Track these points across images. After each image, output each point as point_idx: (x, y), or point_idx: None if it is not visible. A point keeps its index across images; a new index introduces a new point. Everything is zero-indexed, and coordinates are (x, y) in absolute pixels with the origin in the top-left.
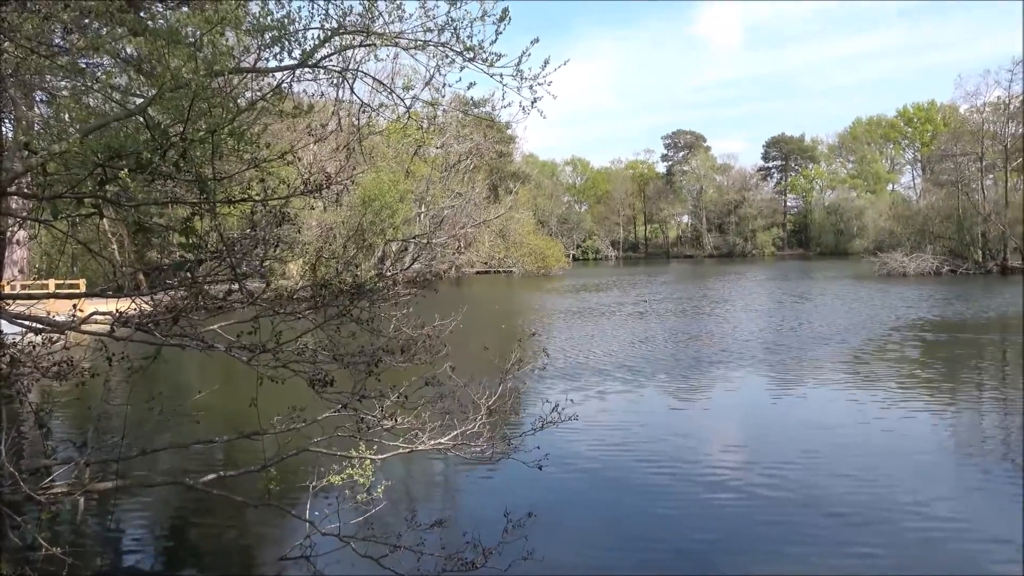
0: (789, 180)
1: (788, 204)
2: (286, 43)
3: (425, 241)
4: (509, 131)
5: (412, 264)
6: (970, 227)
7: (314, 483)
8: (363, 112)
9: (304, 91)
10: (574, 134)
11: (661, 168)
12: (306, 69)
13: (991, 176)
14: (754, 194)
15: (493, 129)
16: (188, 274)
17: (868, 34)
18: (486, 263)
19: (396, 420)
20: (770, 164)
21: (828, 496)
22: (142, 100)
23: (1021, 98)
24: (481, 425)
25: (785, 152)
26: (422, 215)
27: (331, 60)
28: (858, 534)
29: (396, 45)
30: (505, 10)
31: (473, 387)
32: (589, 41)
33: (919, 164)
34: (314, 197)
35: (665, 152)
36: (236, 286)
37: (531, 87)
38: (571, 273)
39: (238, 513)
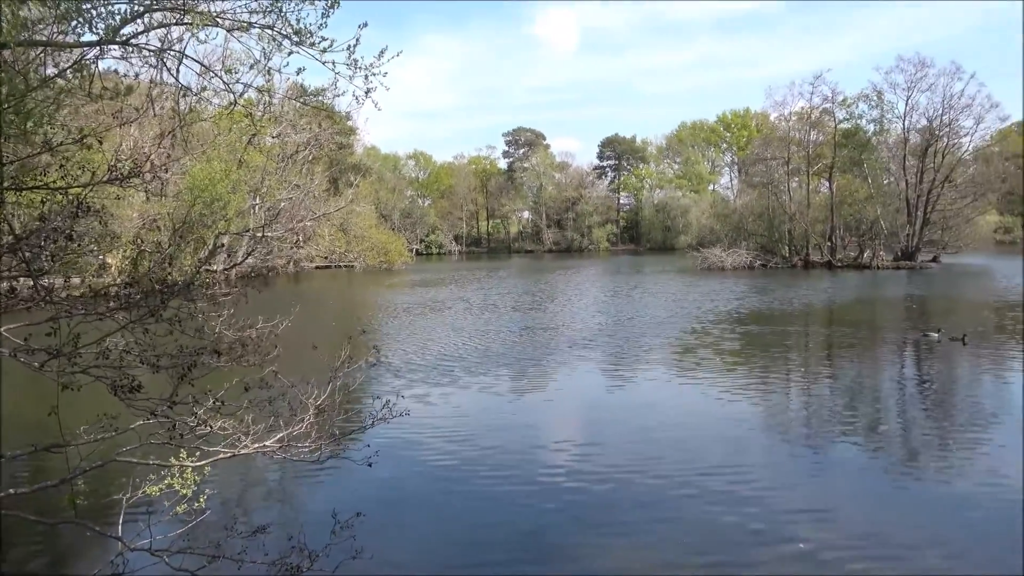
0: (622, 179)
1: (621, 202)
2: (87, 16)
3: (260, 235)
4: (349, 122)
5: (246, 259)
6: (778, 225)
7: (128, 496)
8: (184, 96)
9: (119, 71)
10: (417, 129)
11: (503, 164)
12: (114, 47)
13: (796, 179)
14: (590, 192)
15: (332, 120)
16: None
17: (690, 45)
18: (326, 257)
19: (214, 425)
20: (605, 163)
21: (655, 479)
22: None
23: (820, 109)
24: (309, 425)
25: (618, 152)
26: (257, 207)
27: (147, 39)
28: (682, 512)
29: (217, 25)
30: None
31: (302, 387)
32: (428, 37)
33: (736, 166)
34: (126, 186)
35: (506, 149)
36: (32, 282)
37: (366, 76)
38: (414, 268)
39: (40, 534)
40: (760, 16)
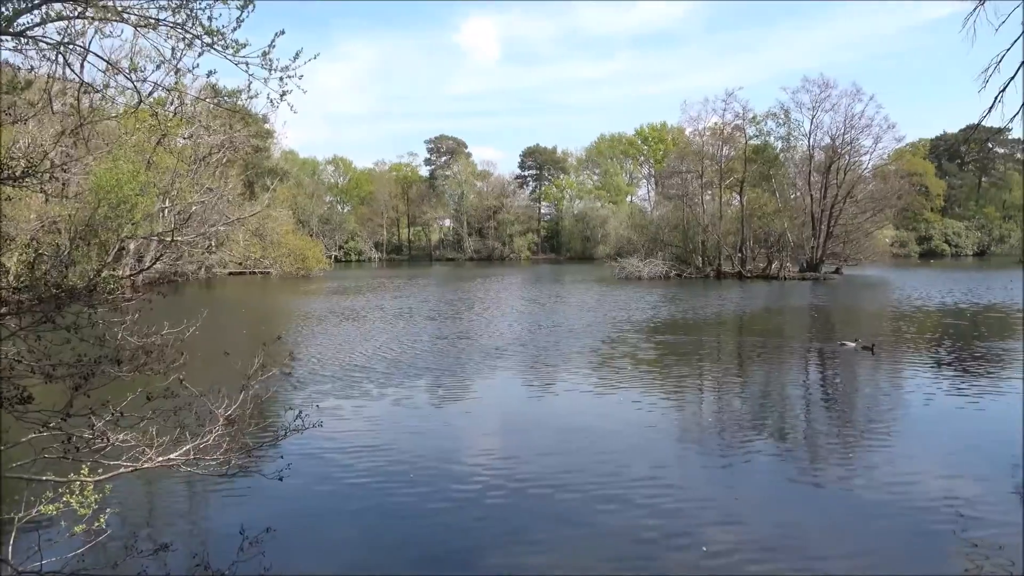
0: (543, 189)
1: (542, 211)
2: None
3: (169, 239)
4: (266, 125)
5: (153, 264)
6: (693, 237)
7: (19, 515)
8: (87, 93)
9: (13, 64)
10: (338, 134)
11: (424, 172)
12: (6, 38)
13: (710, 192)
14: (512, 201)
15: (247, 122)
16: None
17: (609, 60)
18: (241, 264)
19: (114, 438)
20: (526, 173)
21: (571, 488)
22: None
23: (732, 125)
24: (218, 437)
25: (539, 162)
26: (167, 211)
27: (45, 31)
28: (598, 520)
29: (123, 21)
30: None
31: (211, 397)
32: (350, 41)
33: (653, 179)
34: (20, 186)
35: (428, 156)
36: None
37: (281, 79)
38: (332, 275)
39: None
40: (675, 35)
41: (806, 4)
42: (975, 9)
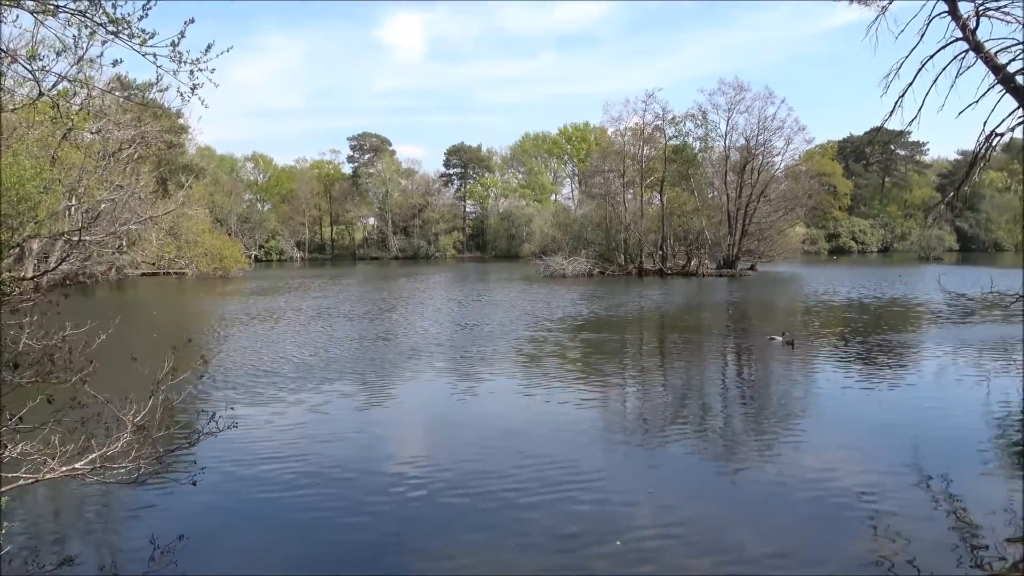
0: (468, 187)
1: (467, 210)
2: None
3: (76, 238)
4: (181, 120)
5: (59, 265)
6: (615, 235)
7: None
8: None
9: None
10: (259, 130)
11: (347, 169)
12: None
13: (631, 191)
14: (437, 199)
15: (159, 117)
16: None
17: (532, 60)
18: (154, 264)
19: (12, 448)
20: (451, 171)
21: (498, 487)
22: None
23: (652, 126)
24: (127, 444)
25: (464, 160)
26: (74, 208)
27: None
28: (525, 517)
29: (19, 7)
30: None
31: (119, 403)
32: (271, 36)
33: (577, 178)
34: None
35: (351, 154)
36: None
37: (191, 71)
38: (252, 275)
39: None
40: (595, 35)
41: (721, 7)
42: (877, 18)
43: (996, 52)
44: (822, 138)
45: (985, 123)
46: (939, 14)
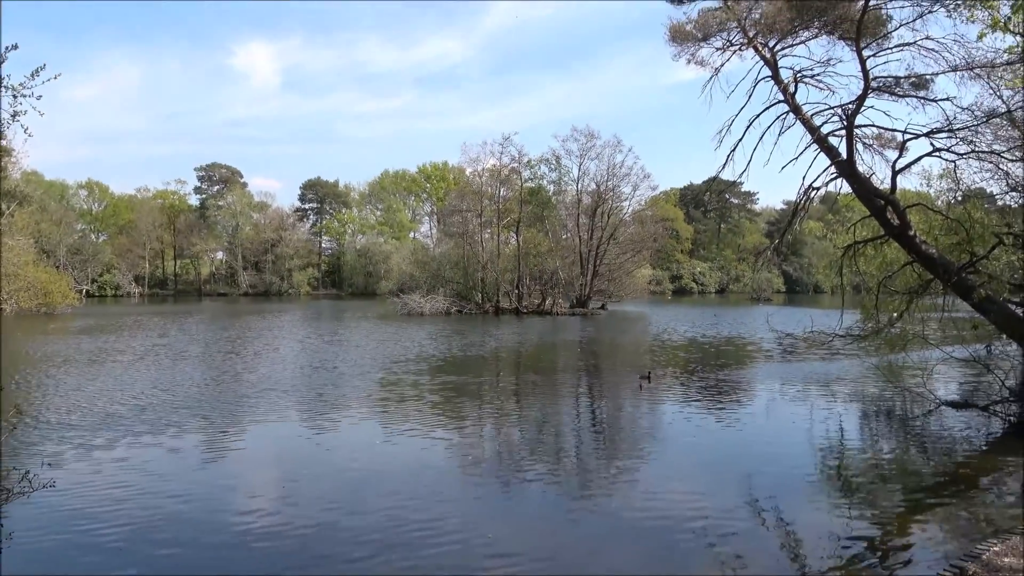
0: (324, 223)
1: (323, 245)
2: None
3: None
4: (3, 142)
5: None
6: (473, 273)
7: None
8: None
9: None
10: (95, 155)
11: (194, 201)
12: None
13: (489, 231)
14: (291, 234)
15: None
16: None
17: (392, 97)
18: None
19: None
20: (306, 206)
21: (355, 529)
22: None
23: (509, 168)
24: None
25: (321, 195)
26: None
27: None
28: (379, 557)
29: None
30: None
31: None
32: (110, 53)
33: (435, 216)
34: None
35: (199, 184)
36: None
37: (14, 96)
38: (83, 311)
39: None
40: (456, 75)
41: (576, 54)
42: (711, 78)
43: (812, 115)
44: (665, 185)
45: (804, 177)
46: (764, 78)
